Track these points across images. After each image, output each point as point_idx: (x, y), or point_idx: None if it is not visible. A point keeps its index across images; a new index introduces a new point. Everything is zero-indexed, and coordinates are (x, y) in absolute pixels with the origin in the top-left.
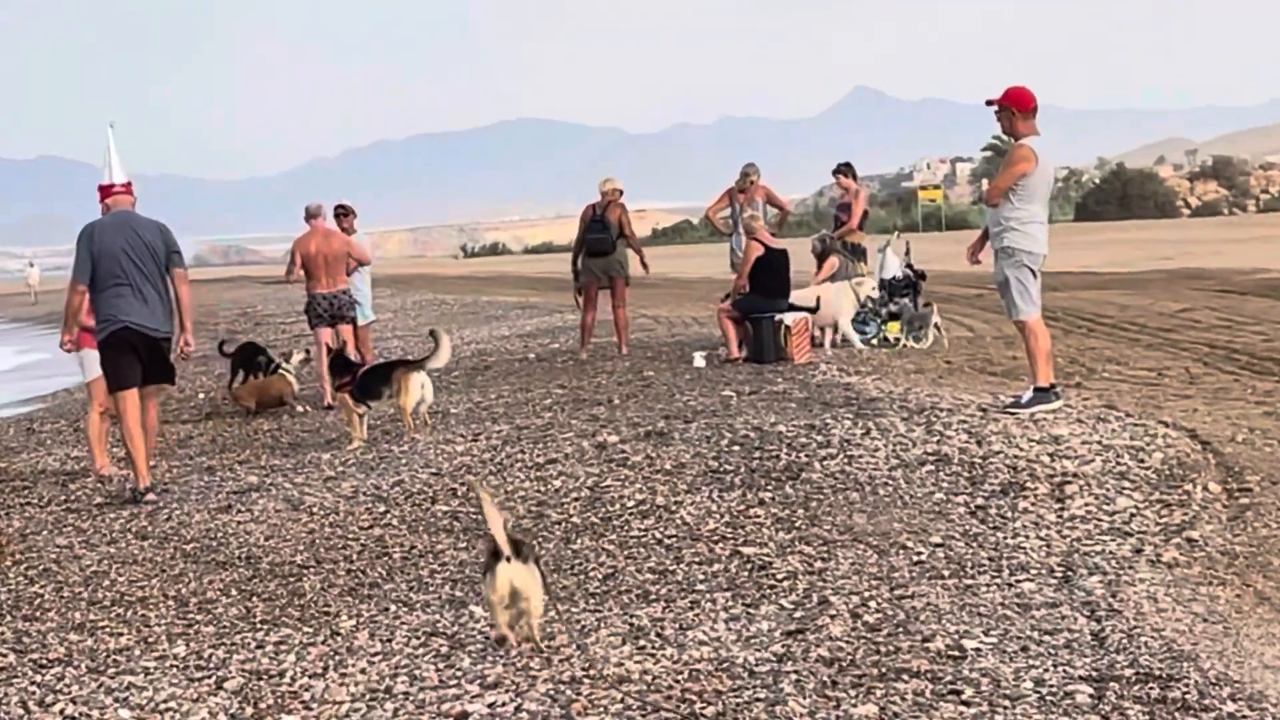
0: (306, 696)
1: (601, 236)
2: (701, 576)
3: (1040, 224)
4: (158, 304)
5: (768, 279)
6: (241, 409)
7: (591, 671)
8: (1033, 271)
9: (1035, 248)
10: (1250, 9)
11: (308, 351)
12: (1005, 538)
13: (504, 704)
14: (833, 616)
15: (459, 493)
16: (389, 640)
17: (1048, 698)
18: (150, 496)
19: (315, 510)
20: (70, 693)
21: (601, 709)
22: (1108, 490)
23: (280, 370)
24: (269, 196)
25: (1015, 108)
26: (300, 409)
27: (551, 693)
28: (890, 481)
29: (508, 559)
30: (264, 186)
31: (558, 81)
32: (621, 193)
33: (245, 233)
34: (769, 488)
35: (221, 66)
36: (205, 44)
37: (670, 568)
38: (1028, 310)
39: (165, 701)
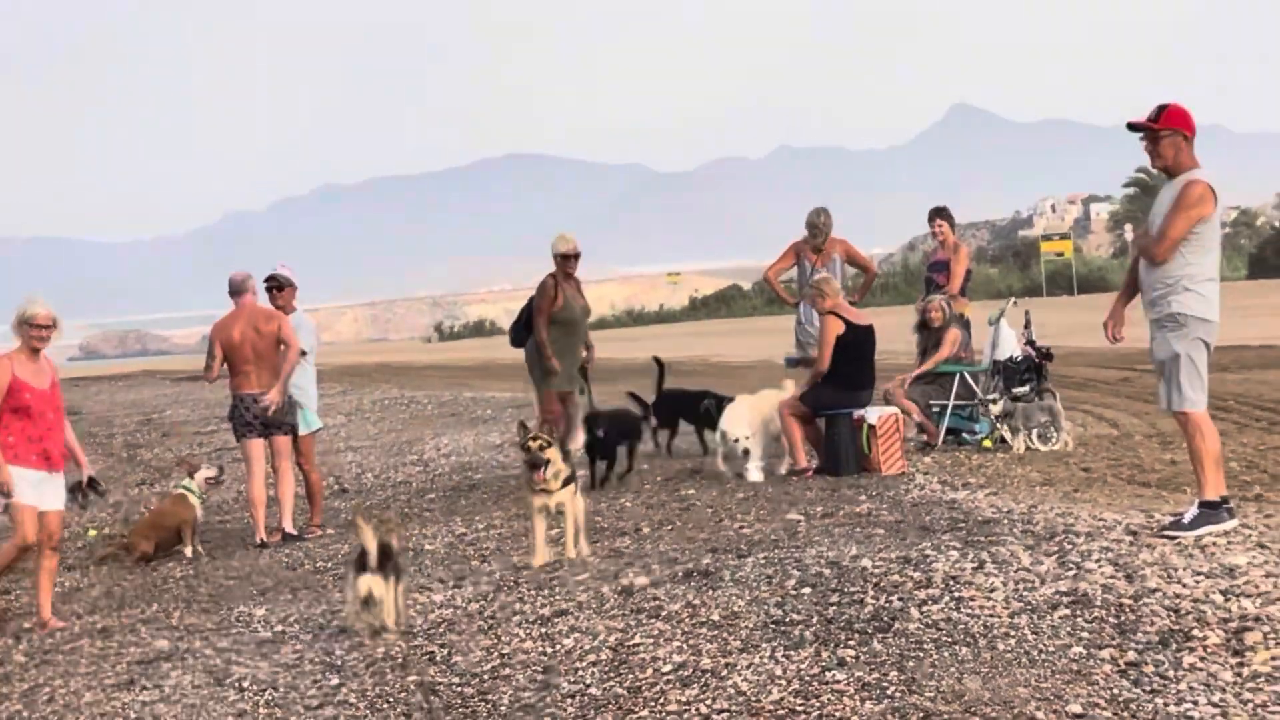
0: None
1: (518, 333)
2: None
3: (1215, 282)
4: None
5: (847, 365)
6: (135, 556)
7: None
8: (1207, 346)
9: (1212, 314)
10: None
11: (220, 469)
12: (1167, 704)
13: None
14: None
15: (437, 657)
16: None
17: None
18: None
19: (246, 685)
20: None
21: None
22: None
23: (183, 488)
24: (178, 262)
25: (1186, 131)
26: (198, 551)
27: None
28: (1012, 632)
29: (371, 570)
30: (171, 249)
31: (553, 105)
32: (574, 259)
33: (148, 312)
34: (851, 643)
35: (112, 91)
36: (89, 68)
37: None
38: (1195, 399)
39: None
